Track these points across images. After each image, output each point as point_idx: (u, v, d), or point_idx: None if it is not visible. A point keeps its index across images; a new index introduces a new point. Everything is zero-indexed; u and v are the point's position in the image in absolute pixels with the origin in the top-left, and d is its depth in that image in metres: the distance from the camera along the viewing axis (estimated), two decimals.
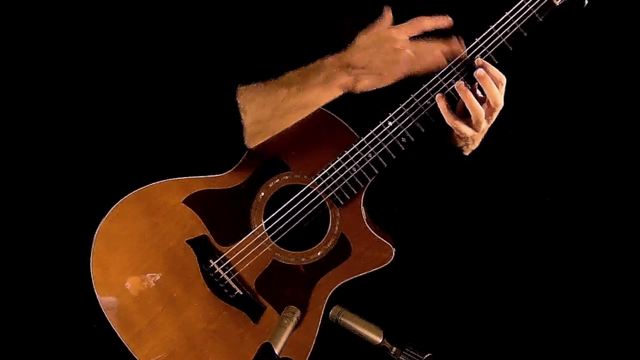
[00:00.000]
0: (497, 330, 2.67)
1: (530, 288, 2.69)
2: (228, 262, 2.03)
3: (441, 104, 1.94)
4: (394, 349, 1.77)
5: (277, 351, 1.69)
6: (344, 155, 1.98)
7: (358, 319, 1.79)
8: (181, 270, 2.03)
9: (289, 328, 1.75)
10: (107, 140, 2.53)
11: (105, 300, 2.05)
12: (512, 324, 2.68)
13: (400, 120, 1.96)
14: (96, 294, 2.06)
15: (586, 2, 1.96)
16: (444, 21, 1.96)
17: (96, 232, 2.06)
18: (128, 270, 2.05)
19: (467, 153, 2.09)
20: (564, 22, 2.05)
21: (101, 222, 2.06)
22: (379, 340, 1.78)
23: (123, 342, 2.04)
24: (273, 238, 2.02)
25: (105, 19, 2.58)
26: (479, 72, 1.91)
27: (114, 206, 2.06)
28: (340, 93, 1.96)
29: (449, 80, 1.94)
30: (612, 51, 2.58)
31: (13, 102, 2.63)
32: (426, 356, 1.74)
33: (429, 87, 1.95)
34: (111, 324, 2.05)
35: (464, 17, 2.02)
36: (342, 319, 1.79)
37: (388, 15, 1.97)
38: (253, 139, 2.01)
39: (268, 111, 1.99)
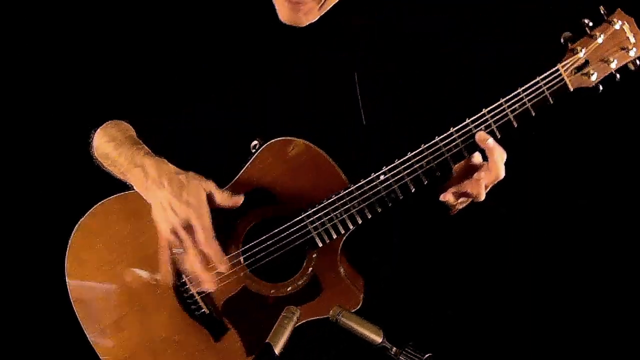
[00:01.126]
0: (496, 330, 2.74)
1: (529, 290, 2.77)
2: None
3: (449, 198, 1.96)
4: (394, 349, 1.76)
5: (277, 351, 1.71)
6: (331, 199, 1.98)
7: (358, 319, 1.78)
8: (154, 279, 2.06)
9: (289, 328, 1.75)
10: None
11: (75, 292, 2.09)
12: (512, 324, 2.75)
13: (393, 176, 1.96)
14: (67, 285, 2.10)
15: (601, 88, 1.94)
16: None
17: (76, 226, 2.09)
18: (102, 267, 2.08)
19: (453, 213, 2.09)
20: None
21: (83, 217, 2.08)
22: (379, 340, 1.76)
23: (86, 334, 2.09)
24: (248, 266, 2.04)
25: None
26: (490, 142, 1.90)
27: (98, 203, 2.08)
28: None
29: (449, 146, 1.93)
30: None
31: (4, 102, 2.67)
32: (426, 356, 1.74)
33: (427, 149, 1.94)
34: (77, 316, 2.09)
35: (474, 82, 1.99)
36: (342, 319, 1.78)
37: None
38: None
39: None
